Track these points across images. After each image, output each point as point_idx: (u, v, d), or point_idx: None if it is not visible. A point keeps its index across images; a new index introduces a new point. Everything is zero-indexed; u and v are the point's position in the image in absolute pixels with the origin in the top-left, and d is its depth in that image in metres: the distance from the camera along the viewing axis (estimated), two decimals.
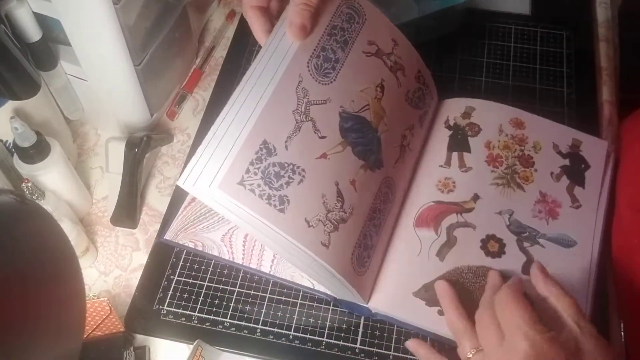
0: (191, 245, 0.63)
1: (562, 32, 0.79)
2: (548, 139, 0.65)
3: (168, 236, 0.64)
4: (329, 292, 0.60)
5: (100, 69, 0.65)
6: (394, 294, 0.57)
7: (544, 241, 0.59)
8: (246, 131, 0.49)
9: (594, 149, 0.65)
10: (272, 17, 0.56)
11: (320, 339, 0.59)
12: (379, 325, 0.60)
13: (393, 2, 0.72)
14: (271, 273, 0.61)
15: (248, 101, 0.50)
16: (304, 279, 0.60)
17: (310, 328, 0.60)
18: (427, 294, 0.57)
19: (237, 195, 0.47)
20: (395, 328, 0.59)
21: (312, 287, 0.60)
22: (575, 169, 0.63)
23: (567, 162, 0.64)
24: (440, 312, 0.56)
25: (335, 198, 0.52)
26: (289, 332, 0.60)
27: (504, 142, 0.65)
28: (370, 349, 0.59)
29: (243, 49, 0.80)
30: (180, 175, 0.48)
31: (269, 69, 0.52)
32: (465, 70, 0.76)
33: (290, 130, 0.51)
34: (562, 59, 0.77)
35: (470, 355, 0.49)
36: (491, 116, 0.66)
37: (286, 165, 0.50)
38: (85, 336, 0.56)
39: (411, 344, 0.55)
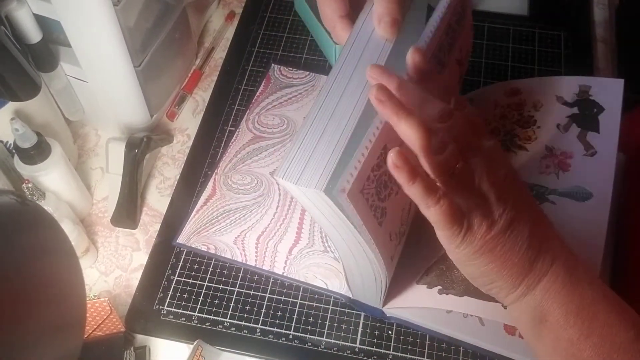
0: (204, 248, 0.63)
1: (559, 33, 0.80)
2: (549, 94, 0.61)
3: (181, 240, 0.64)
4: (342, 293, 0.60)
5: (100, 70, 0.65)
6: (402, 289, 0.58)
7: (554, 197, 0.56)
8: (371, 133, 0.42)
9: (608, 89, 0.60)
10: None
11: (319, 338, 0.59)
12: (378, 324, 0.60)
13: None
14: (284, 275, 0.62)
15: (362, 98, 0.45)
16: (317, 279, 0.61)
17: (309, 328, 0.60)
18: (428, 278, 0.57)
19: (357, 204, 0.42)
20: (394, 328, 0.59)
21: (325, 287, 0.60)
22: (585, 115, 0.59)
23: (575, 110, 0.60)
24: (441, 291, 0.56)
25: (407, 212, 0.51)
26: (289, 332, 0.60)
27: (500, 113, 0.62)
28: (369, 348, 0.59)
29: (242, 50, 0.80)
30: (280, 171, 0.42)
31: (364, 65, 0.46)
32: None
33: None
34: (560, 59, 0.77)
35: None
36: (485, 96, 0.64)
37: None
38: (85, 336, 0.57)
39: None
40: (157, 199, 0.70)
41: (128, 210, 0.67)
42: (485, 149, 0.43)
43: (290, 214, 0.65)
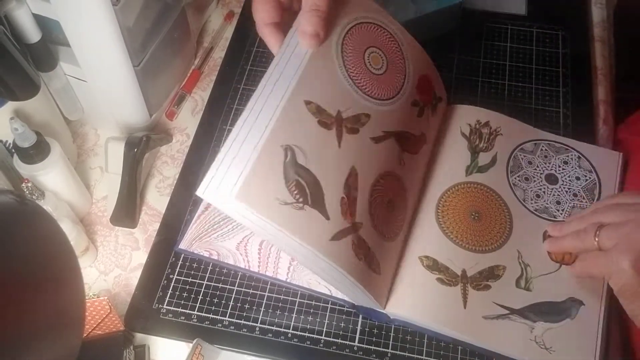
0: (206, 254, 0.63)
1: (557, 32, 0.80)
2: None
3: (183, 246, 0.64)
4: (346, 299, 0.60)
5: (99, 69, 0.65)
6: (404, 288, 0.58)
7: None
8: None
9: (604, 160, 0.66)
10: (286, 31, 0.55)
11: (318, 337, 0.60)
12: (377, 323, 0.60)
13: (390, 1, 0.72)
14: (288, 281, 0.62)
15: (265, 108, 0.50)
16: (321, 286, 0.61)
17: (308, 326, 0.60)
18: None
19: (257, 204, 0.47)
20: (392, 327, 0.60)
21: (329, 293, 0.61)
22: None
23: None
24: (439, 280, 0.57)
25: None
26: (288, 331, 0.60)
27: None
28: (368, 346, 0.59)
29: (241, 50, 0.80)
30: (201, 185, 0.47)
31: (286, 76, 0.51)
32: (462, 70, 0.77)
33: None
34: (558, 59, 0.77)
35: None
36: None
37: None
38: (85, 335, 0.57)
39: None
40: (157, 198, 0.70)
41: (127, 209, 0.67)
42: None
43: None
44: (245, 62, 0.79)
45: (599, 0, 0.83)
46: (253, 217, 0.47)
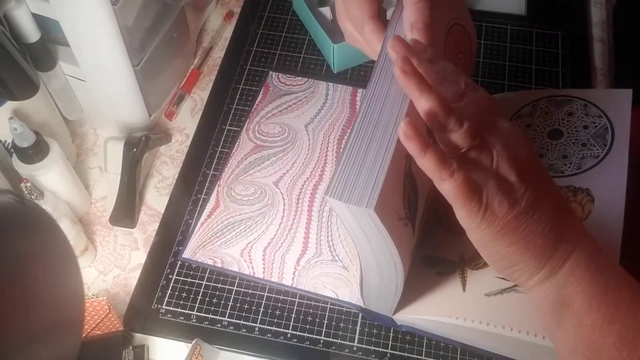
0: (210, 262, 0.63)
1: (557, 33, 0.80)
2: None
3: (186, 254, 0.64)
4: (353, 302, 0.60)
5: (98, 69, 0.65)
6: (412, 299, 0.57)
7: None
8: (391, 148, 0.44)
9: (615, 101, 0.61)
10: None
11: (318, 337, 0.60)
12: (376, 323, 0.60)
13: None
14: (293, 286, 0.62)
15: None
16: (327, 289, 0.61)
17: (308, 326, 0.60)
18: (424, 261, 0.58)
19: (388, 218, 0.44)
20: (392, 327, 0.60)
21: (336, 297, 0.61)
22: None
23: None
24: (438, 273, 0.56)
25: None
26: (287, 331, 0.60)
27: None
28: (367, 347, 0.59)
29: (241, 49, 0.80)
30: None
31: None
32: None
33: None
34: (558, 59, 0.77)
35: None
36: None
37: None
38: (84, 335, 0.57)
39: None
40: (156, 198, 0.70)
41: (126, 209, 0.67)
42: (502, 130, 0.43)
43: (296, 224, 0.65)
44: (244, 62, 0.79)
45: (599, 0, 0.83)
46: (375, 228, 0.43)
